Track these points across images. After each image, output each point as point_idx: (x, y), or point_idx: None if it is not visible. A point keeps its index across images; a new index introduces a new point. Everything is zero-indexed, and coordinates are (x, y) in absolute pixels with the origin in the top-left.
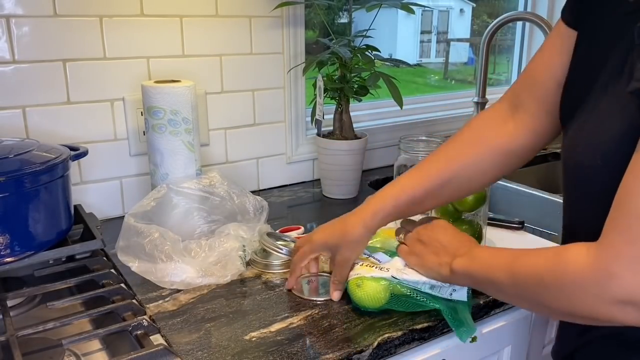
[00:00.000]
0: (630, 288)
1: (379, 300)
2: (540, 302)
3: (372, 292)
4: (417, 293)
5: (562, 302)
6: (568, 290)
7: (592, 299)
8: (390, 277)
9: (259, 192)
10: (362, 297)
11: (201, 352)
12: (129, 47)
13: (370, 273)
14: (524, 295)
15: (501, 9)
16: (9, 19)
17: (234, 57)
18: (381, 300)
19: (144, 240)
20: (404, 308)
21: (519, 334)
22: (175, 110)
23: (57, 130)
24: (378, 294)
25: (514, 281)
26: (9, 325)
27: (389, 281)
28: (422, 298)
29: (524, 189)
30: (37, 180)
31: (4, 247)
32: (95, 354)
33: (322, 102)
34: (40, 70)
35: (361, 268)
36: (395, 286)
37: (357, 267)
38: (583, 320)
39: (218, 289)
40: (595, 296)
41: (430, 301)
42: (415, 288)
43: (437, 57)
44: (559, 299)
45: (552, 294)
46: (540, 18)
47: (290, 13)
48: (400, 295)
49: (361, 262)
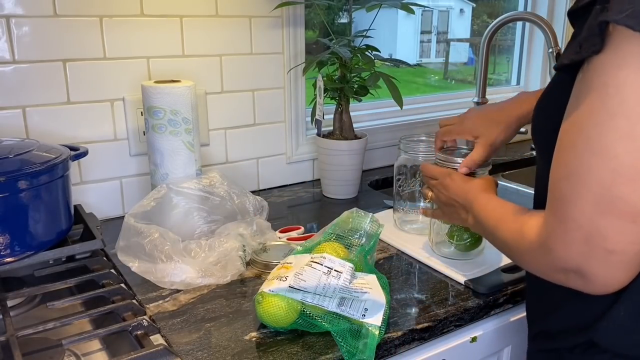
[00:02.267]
0: (564, 259)
1: (280, 317)
2: (514, 261)
3: (272, 310)
4: (316, 313)
5: (525, 265)
6: (525, 258)
7: (542, 266)
8: (287, 288)
9: (259, 192)
10: (262, 315)
11: (201, 352)
12: (129, 47)
13: (269, 286)
14: (504, 252)
15: (501, 9)
16: (9, 19)
17: (234, 57)
18: (283, 318)
19: (143, 240)
20: (309, 329)
21: (519, 334)
22: (175, 110)
23: (57, 130)
24: (279, 311)
25: (495, 242)
26: (9, 325)
27: (287, 297)
28: (321, 317)
29: (524, 189)
30: (37, 180)
31: (4, 247)
32: (95, 354)
33: (322, 102)
34: (40, 70)
35: (269, 279)
36: (294, 303)
37: (270, 274)
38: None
39: (218, 289)
40: (544, 265)
41: (329, 322)
42: (321, 307)
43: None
44: (522, 263)
45: (517, 258)
46: (540, 18)
47: (290, 13)
48: (302, 315)
49: (277, 267)
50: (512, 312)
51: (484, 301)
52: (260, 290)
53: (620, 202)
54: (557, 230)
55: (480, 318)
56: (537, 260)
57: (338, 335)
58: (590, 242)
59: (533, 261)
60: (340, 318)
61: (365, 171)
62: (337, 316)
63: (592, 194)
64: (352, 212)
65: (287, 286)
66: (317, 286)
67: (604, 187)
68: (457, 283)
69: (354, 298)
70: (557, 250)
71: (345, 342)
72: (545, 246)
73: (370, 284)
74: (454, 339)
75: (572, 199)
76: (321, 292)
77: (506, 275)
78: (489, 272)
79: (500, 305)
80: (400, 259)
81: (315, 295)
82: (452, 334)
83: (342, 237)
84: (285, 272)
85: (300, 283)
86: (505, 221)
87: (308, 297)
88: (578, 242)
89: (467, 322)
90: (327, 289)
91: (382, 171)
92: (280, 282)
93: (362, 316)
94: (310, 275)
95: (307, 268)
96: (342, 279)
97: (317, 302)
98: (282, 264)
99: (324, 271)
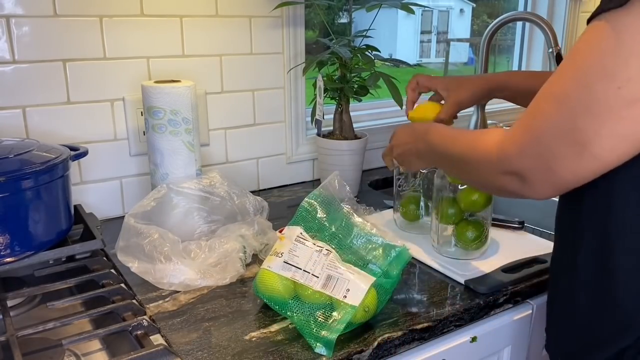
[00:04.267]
0: (514, 163)
1: (276, 287)
2: (461, 173)
3: (269, 283)
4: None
5: (472, 174)
6: (476, 163)
7: (489, 169)
8: (282, 264)
9: (259, 192)
10: (260, 288)
11: (201, 352)
12: (129, 47)
13: (268, 263)
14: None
15: (501, 9)
16: (9, 19)
17: (234, 57)
18: (279, 292)
19: (143, 240)
20: None
21: (519, 334)
22: (175, 110)
23: (57, 130)
24: (275, 284)
25: (450, 159)
26: (9, 325)
27: (279, 275)
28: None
29: None
30: (37, 180)
31: (4, 247)
32: (95, 354)
33: (322, 102)
34: (40, 70)
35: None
36: (286, 281)
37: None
38: (485, 190)
39: (218, 289)
40: (492, 167)
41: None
42: (305, 284)
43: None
44: (471, 172)
45: (467, 166)
46: (540, 18)
47: (290, 13)
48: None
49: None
50: (512, 312)
51: (484, 301)
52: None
53: (578, 134)
54: (518, 137)
55: (480, 318)
56: (485, 164)
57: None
58: (541, 157)
59: (482, 166)
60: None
61: (365, 171)
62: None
63: (560, 118)
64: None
65: (282, 262)
66: (307, 262)
67: (571, 115)
68: (457, 283)
69: (339, 276)
70: (510, 153)
71: (308, 330)
72: (501, 149)
73: (359, 274)
74: (454, 339)
75: (543, 117)
76: (310, 269)
77: (506, 275)
78: (489, 272)
79: (500, 305)
80: None
81: (305, 273)
82: (452, 334)
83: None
84: (280, 247)
85: (294, 259)
86: (460, 137)
87: (298, 274)
88: (531, 153)
89: (467, 322)
90: (316, 266)
91: (382, 171)
92: (277, 258)
93: (343, 297)
94: (302, 251)
95: (299, 244)
96: (330, 257)
97: (305, 281)
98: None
99: (316, 249)
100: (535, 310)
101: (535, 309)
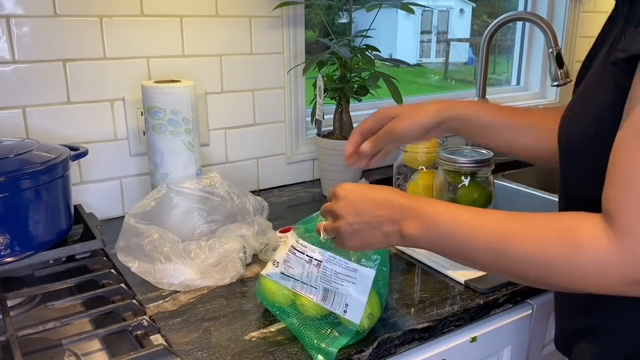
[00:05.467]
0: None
1: (277, 296)
2: (540, 281)
3: (271, 289)
4: (289, 308)
5: (574, 284)
6: (587, 274)
7: (614, 281)
8: (280, 275)
9: (259, 192)
10: (262, 294)
11: (201, 352)
12: (129, 47)
13: (267, 271)
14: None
15: (501, 9)
16: (9, 19)
17: (234, 57)
18: (279, 301)
19: (143, 240)
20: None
21: (519, 334)
22: (175, 110)
23: (57, 130)
24: (275, 293)
25: (499, 258)
26: (9, 325)
27: (279, 284)
28: (290, 312)
29: (524, 189)
30: (37, 180)
31: (4, 247)
32: (95, 354)
33: (322, 102)
34: (40, 70)
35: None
36: (284, 290)
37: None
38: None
39: (218, 289)
40: (618, 278)
41: (291, 317)
42: (308, 297)
43: (437, 57)
44: (570, 282)
45: (563, 277)
46: (540, 18)
47: (290, 13)
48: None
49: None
50: (512, 312)
51: (484, 301)
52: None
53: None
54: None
55: (480, 318)
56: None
57: (295, 330)
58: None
59: (597, 277)
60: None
61: (365, 171)
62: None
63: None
64: None
65: (279, 272)
66: (302, 274)
67: None
68: (457, 283)
69: (335, 291)
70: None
71: (307, 337)
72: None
73: (355, 277)
74: (454, 339)
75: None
76: (307, 281)
77: None
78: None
79: (500, 305)
80: (400, 258)
81: (304, 285)
82: (452, 334)
83: None
84: (279, 254)
85: (289, 270)
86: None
87: (297, 285)
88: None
89: (467, 322)
90: (311, 278)
91: (382, 171)
92: (274, 268)
93: (343, 312)
94: (295, 262)
95: (292, 255)
96: (321, 268)
97: (305, 292)
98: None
99: (306, 260)
100: (535, 310)
101: (535, 308)
